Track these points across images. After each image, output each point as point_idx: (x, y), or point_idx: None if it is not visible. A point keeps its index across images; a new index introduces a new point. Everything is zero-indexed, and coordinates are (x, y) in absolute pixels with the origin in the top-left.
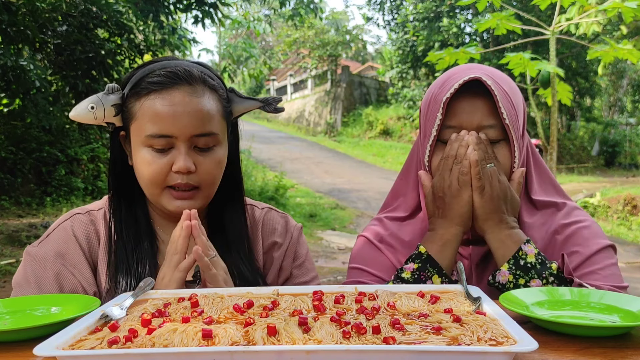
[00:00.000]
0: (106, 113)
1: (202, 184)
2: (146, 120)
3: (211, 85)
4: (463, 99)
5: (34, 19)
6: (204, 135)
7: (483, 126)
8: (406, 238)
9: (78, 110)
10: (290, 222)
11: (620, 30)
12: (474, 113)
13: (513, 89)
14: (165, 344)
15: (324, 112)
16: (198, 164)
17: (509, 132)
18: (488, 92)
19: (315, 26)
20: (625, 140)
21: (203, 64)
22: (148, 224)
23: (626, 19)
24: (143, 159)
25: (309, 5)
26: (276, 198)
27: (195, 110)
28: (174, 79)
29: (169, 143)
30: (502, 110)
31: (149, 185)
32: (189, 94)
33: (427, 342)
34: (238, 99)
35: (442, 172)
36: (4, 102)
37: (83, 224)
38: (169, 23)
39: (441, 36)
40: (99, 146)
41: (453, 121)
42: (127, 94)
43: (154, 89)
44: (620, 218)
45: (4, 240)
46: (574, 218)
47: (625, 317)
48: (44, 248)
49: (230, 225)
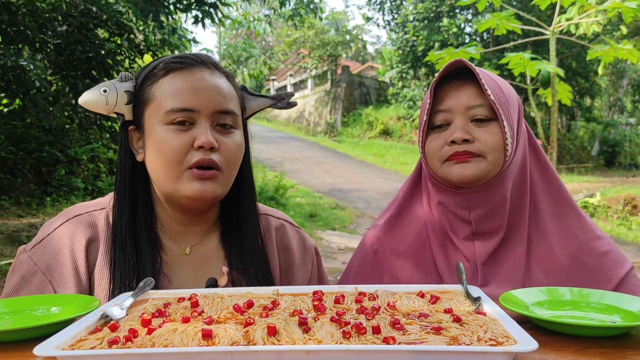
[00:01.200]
0: (118, 99)
1: (223, 165)
2: (167, 96)
3: (227, 73)
4: (452, 85)
5: (34, 19)
6: (225, 112)
7: (471, 106)
8: (400, 247)
9: (89, 94)
10: (308, 242)
11: (620, 30)
12: (461, 95)
13: (505, 84)
14: (165, 344)
15: (324, 112)
16: (220, 143)
17: (497, 110)
18: (477, 78)
19: (315, 26)
20: (625, 140)
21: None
22: (151, 230)
23: (626, 19)
24: (162, 138)
25: (309, 5)
26: (276, 198)
27: (217, 87)
28: (193, 59)
29: (191, 118)
30: (486, 87)
31: (169, 166)
32: (208, 74)
33: (427, 342)
34: (250, 97)
35: None
36: (4, 102)
37: (81, 228)
38: (169, 23)
39: (441, 36)
40: (99, 146)
41: (442, 105)
42: (141, 81)
43: (174, 68)
44: (620, 218)
45: (4, 240)
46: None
47: (625, 317)
48: (35, 257)
49: (244, 226)
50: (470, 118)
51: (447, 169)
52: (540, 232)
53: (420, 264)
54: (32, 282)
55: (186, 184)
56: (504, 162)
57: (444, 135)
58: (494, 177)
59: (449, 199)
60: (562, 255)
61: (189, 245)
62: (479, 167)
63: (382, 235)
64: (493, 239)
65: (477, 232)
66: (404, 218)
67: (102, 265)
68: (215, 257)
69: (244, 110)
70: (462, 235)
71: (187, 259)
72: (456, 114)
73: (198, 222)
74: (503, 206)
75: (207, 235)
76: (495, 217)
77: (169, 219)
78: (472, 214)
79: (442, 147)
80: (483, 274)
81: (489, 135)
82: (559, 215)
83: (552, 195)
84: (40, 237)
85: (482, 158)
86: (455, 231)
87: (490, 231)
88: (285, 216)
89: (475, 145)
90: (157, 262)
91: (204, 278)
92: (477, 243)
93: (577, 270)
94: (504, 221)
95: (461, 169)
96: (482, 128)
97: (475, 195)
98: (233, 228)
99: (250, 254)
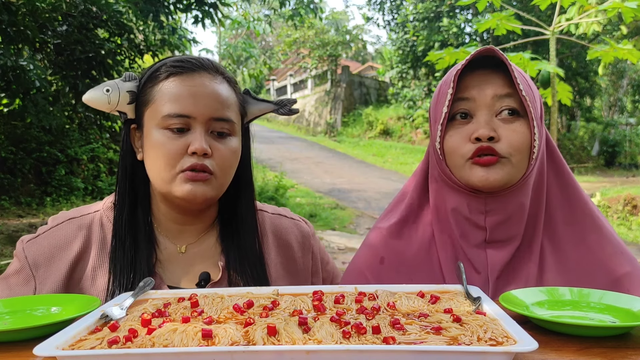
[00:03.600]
0: (120, 98)
1: (216, 171)
2: (165, 100)
3: (229, 77)
4: (476, 73)
5: (34, 19)
6: (221, 120)
7: (499, 95)
8: (407, 255)
9: (92, 93)
10: (305, 232)
11: (620, 30)
12: (487, 85)
13: (532, 82)
14: (165, 344)
15: (324, 112)
16: (214, 149)
17: (527, 105)
18: (502, 68)
19: (315, 26)
20: (625, 140)
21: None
22: (149, 229)
23: (626, 19)
24: (157, 141)
25: (309, 5)
26: (276, 198)
27: (215, 94)
28: (195, 64)
29: (186, 124)
30: (518, 81)
31: (163, 168)
32: (209, 79)
33: (427, 342)
34: (252, 101)
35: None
36: (4, 102)
37: (73, 230)
38: (169, 23)
39: (441, 36)
40: (99, 146)
41: (465, 93)
42: (144, 82)
43: (174, 72)
44: (620, 218)
45: (4, 240)
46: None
47: (625, 317)
48: (27, 250)
49: (242, 227)
50: (495, 112)
51: (469, 171)
52: (555, 244)
53: (428, 274)
54: (21, 273)
55: (178, 186)
56: (528, 165)
57: (466, 130)
58: (517, 182)
59: (464, 201)
60: (576, 272)
61: (184, 244)
62: (504, 171)
63: (388, 242)
64: (507, 249)
65: (491, 240)
66: (410, 224)
67: (96, 268)
68: (210, 255)
69: (245, 114)
70: (473, 243)
71: (182, 257)
72: (480, 106)
73: (194, 222)
74: (521, 213)
75: (203, 234)
76: (512, 224)
77: (166, 217)
78: (488, 219)
79: (465, 143)
80: (494, 286)
81: (516, 134)
82: (575, 225)
83: (568, 202)
84: (37, 233)
85: (507, 160)
86: (466, 238)
87: (504, 239)
88: (280, 209)
89: (501, 145)
90: (153, 258)
91: (198, 275)
92: (490, 252)
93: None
94: (520, 229)
95: (486, 173)
96: (508, 125)
97: (494, 199)
98: (231, 228)
99: (247, 254)
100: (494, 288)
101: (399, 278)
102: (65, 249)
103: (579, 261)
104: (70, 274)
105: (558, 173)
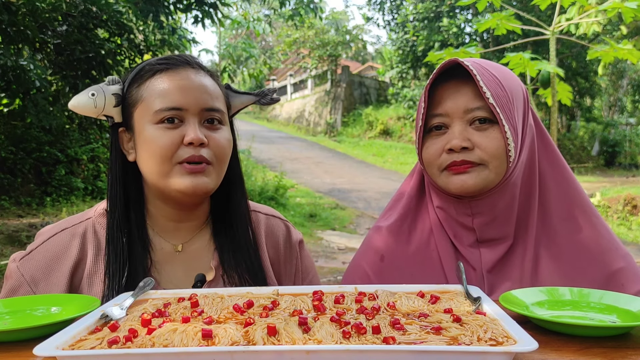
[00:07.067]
0: (106, 102)
1: (213, 160)
2: (155, 96)
3: (212, 72)
4: (448, 86)
5: (34, 19)
6: (212, 109)
7: (469, 109)
8: (408, 254)
9: (78, 99)
10: (293, 237)
11: (620, 30)
12: (458, 98)
13: (507, 75)
14: (165, 344)
15: (324, 112)
16: (209, 138)
17: (495, 112)
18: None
19: (315, 26)
20: (625, 140)
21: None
22: (143, 231)
23: (626, 19)
24: (152, 136)
25: (309, 5)
26: (276, 198)
27: (203, 86)
28: (179, 60)
29: (179, 117)
30: (485, 90)
31: (160, 162)
32: (194, 73)
33: (427, 342)
34: (234, 94)
35: None
36: (4, 102)
37: (67, 240)
38: (169, 23)
39: (441, 36)
40: (99, 146)
41: (438, 109)
42: (128, 84)
43: (160, 69)
44: (620, 218)
45: (4, 240)
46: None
47: (625, 317)
48: (22, 268)
49: (235, 221)
50: (469, 121)
51: (446, 179)
52: (550, 239)
53: (429, 272)
54: (18, 292)
55: (177, 179)
56: (507, 168)
57: (441, 141)
58: (497, 184)
59: (451, 205)
60: (571, 267)
61: (180, 242)
62: (480, 177)
63: (388, 240)
64: (500, 247)
65: (482, 240)
66: (410, 222)
67: (92, 274)
68: (206, 253)
69: (229, 108)
70: (466, 243)
71: (179, 257)
72: (454, 118)
73: (189, 219)
74: (509, 213)
75: (198, 232)
76: (500, 224)
77: (161, 216)
78: (475, 221)
79: (440, 154)
80: (489, 282)
81: (490, 141)
82: (570, 220)
83: (564, 197)
84: (30, 248)
85: (483, 167)
86: (459, 238)
87: (496, 238)
88: (272, 211)
89: (475, 154)
90: (148, 262)
91: (195, 274)
92: (483, 251)
93: (585, 283)
94: (510, 228)
95: (461, 180)
96: (482, 132)
97: (478, 202)
98: (224, 223)
99: (241, 248)
100: (490, 284)
101: (400, 275)
102: (62, 258)
103: (573, 256)
104: (71, 282)
105: (554, 167)
